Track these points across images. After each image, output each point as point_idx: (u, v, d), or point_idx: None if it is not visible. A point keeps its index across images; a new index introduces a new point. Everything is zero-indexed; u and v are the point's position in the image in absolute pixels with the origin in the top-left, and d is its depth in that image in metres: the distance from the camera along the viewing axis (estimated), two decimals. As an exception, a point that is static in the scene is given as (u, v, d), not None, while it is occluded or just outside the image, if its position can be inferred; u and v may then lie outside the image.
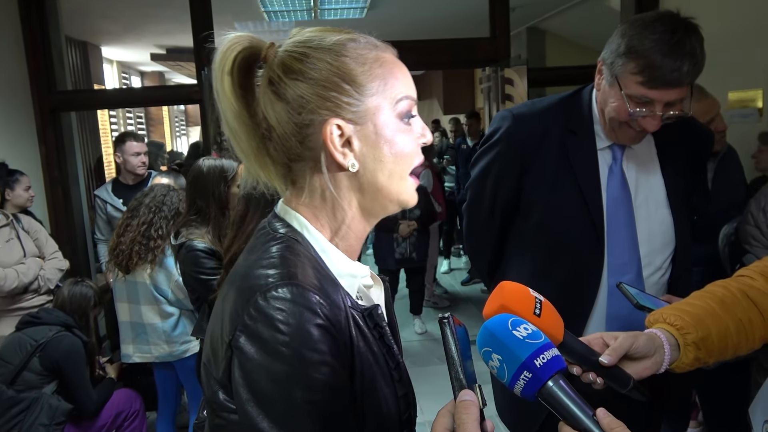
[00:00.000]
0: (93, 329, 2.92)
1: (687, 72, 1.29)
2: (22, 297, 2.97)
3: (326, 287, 0.76)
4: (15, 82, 3.69)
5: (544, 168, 1.49)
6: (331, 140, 0.78)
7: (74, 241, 3.96)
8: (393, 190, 0.82)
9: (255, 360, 0.70)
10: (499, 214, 1.62)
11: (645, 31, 1.31)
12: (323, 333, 0.71)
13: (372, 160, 0.80)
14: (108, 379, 2.97)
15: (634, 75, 1.32)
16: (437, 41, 4.22)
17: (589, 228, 1.46)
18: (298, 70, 0.78)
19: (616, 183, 1.49)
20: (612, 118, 1.42)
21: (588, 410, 0.74)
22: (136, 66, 8.75)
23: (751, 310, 1.09)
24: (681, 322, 1.05)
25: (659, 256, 1.50)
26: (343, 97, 0.78)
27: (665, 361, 1.03)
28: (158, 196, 2.84)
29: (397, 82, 0.81)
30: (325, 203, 0.82)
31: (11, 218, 3.02)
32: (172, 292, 2.82)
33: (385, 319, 0.86)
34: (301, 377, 0.69)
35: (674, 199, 1.50)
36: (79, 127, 4.63)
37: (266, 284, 0.73)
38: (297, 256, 0.77)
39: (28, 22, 3.73)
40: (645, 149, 1.52)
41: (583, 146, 1.49)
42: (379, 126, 0.79)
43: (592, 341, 1.03)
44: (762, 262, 1.19)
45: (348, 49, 0.79)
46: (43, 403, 2.54)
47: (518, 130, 1.52)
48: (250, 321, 0.71)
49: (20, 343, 2.57)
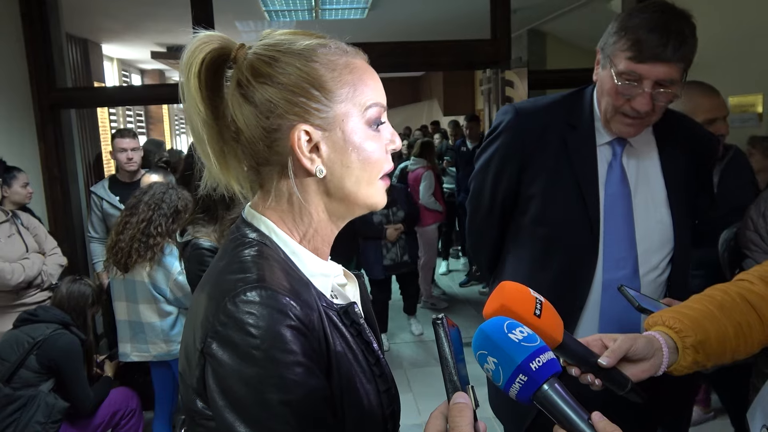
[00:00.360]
0: (90, 327, 2.91)
1: (673, 48, 1.31)
2: (25, 292, 2.98)
3: (297, 288, 0.76)
4: (15, 79, 3.69)
5: (543, 162, 1.51)
6: (299, 146, 0.78)
7: (73, 238, 3.95)
8: (360, 195, 0.82)
9: (228, 365, 0.70)
10: (499, 208, 1.63)
11: (635, 12, 1.36)
12: (295, 334, 0.71)
13: (340, 166, 0.80)
14: (105, 377, 2.97)
15: (623, 52, 1.36)
16: (438, 42, 4.22)
17: (584, 222, 1.47)
18: (267, 73, 0.77)
19: (616, 179, 1.49)
20: (607, 104, 1.44)
21: (583, 414, 0.74)
22: (136, 64, 8.75)
23: (749, 314, 1.10)
24: (680, 325, 1.05)
25: (656, 255, 1.50)
26: (312, 102, 0.77)
27: (663, 364, 1.03)
28: (157, 193, 2.83)
29: (367, 88, 0.81)
30: (292, 207, 0.82)
31: (10, 214, 3.03)
32: (170, 291, 2.82)
33: (362, 316, 0.87)
34: (274, 379, 0.69)
35: (674, 200, 1.50)
36: (78, 125, 4.63)
37: (235, 288, 0.72)
38: (266, 260, 0.77)
39: (29, 19, 3.72)
40: (646, 147, 1.53)
41: (582, 140, 1.50)
42: (348, 132, 0.79)
43: (591, 342, 1.03)
44: (762, 266, 1.19)
45: (318, 55, 0.79)
46: (40, 401, 2.53)
47: (520, 123, 1.54)
48: (221, 327, 0.71)
49: (17, 341, 2.57)
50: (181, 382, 0.80)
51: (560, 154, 1.50)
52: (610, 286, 1.46)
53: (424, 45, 4.31)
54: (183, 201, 2.84)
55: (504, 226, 1.66)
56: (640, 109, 1.38)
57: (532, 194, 1.53)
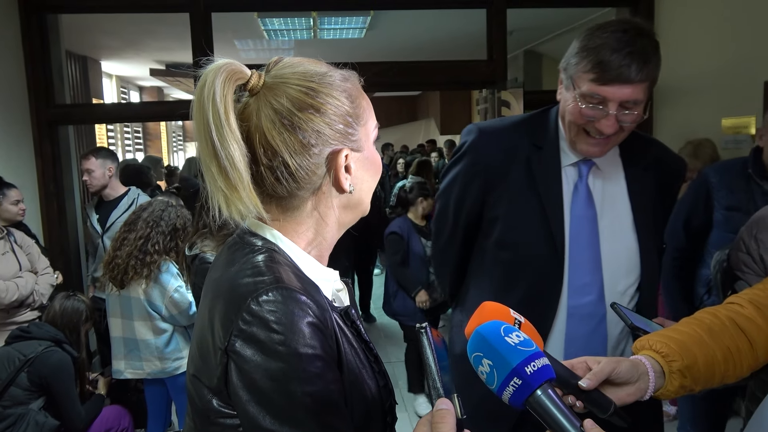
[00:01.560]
0: (84, 344, 2.89)
1: (637, 69, 1.28)
2: (17, 311, 2.95)
3: (309, 289, 0.81)
4: (14, 95, 3.71)
5: (508, 183, 1.47)
6: (341, 167, 0.86)
7: (67, 254, 3.94)
8: (366, 202, 0.93)
9: (253, 361, 0.74)
10: (462, 230, 1.58)
11: (596, 31, 1.33)
12: (314, 330, 0.76)
13: (361, 182, 0.90)
14: (97, 395, 2.94)
15: (586, 73, 1.32)
16: (435, 62, 4.26)
17: (550, 245, 1.42)
18: (311, 105, 0.83)
19: (581, 201, 1.45)
20: (570, 124, 1.40)
21: (575, 421, 0.74)
22: (135, 81, 8.80)
23: (739, 338, 1.09)
24: (666, 349, 1.05)
25: (622, 281, 1.45)
26: (349, 129, 0.86)
27: (650, 388, 1.03)
28: (156, 211, 2.83)
29: (371, 111, 0.92)
30: (312, 219, 0.88)
31: (5, 232, 3.01)
32: (166, 308, 2.80)
33: (360, 318, 0.93)
34: (298, 372, 0.73)
35: (641, 224, 1.46)
36: (76, 141, 4.64)
37: (256, 290, 0.76)
38: (278, 264, 0.82)
39: (29, 36, 3.75)
40: (612, 169, 1.49)
41: (547, 161, 1.46)
42: (368, 150, 0.90)
43: (576, 365, 1.03)
44: (752, 290, 1.19)
45: (342, 84, 0.87)
46: (30, 419, 2.51)
47: (484, 143, 1.50)
48: (245, 325, 0.75)
49: (8, 358, 2.54)
50: (193, 385, 0.83)
51: (525, 175, 1.46)
52: (575, 313, 1.42)
53: (422, 65, 4.35)
54: (182, 219, 2.84)
55: (468, 249, 1.62)
56: (605, 131, 1.35)
57: (496, 216, 1.48)
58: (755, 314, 1.11)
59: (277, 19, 5.24)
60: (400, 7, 4.48)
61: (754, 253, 1.66)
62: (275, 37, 5.98)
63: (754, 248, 1.66)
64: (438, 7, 4.42)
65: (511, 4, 4.12)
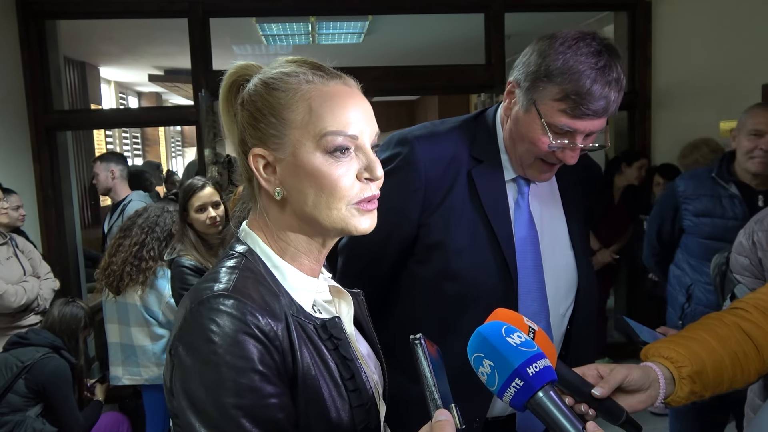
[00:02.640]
0: (82, 351, 2.88)
1: (614, 100, 1.15)
2: (21, 315, 2.95)
3: (266, 299, 0.79)
4: (12, 101, 3.70)
5: (450, 203, 1.28)
6: (256, 166, 0.84)
7: (66, 260, 3.93)
8: (322, 218, 0.83)
9: (189, 368, 0.74)
10: (392, 257, 1.34)
11: (569, 52, 1.14)
12: (254, 342, 0.74)
13: (295, 191, 0.83)
14: (95, 401, 2.92)
15: (556, 102, 1.16)
16: (433, 67, 4.27)
17: (502, 272, 1.26)
18: (244, 99, 0.85)
19: (524, 221, 1.31)
20: (525, 150, 1.24)
21: (578, 423, 0.73)
22: (133, 86, 8.80)
23: (745, 343, 1.09)
24: (676, 355, 1.05)
25: (563, 304, 1.34)
26: (270, 129, 0.82)
27: (660, 395, 1.02)
28: (152, 216, 2.82)
29: (330, 116, 0.81)
30: (270, 223, 0.87)
31: (8, 237, 3.02)
32: (162, 314, 2.79)
33: (345, 331, 0.88)
34: (230, 383, 0.73)
35: (576, 240, 1.37)
36: (74, 147, 4.63)
37: (203, 296, 0.77)
38: (241, 270, 0.82)
39: (27, 43, 3.75)
40: (547, 185, 1.36)
41: (490, 177, 1.29)
42: (300, 158, 0.81)
43: (587, 372, 1.02)
44: (756, 294, 1.19)
45: (284, 82, 0.83)
46: (27, 426, 2.49)
47: (421, 155, 1.28)
48: (186, 331, 0.76)
49: (6, 364, 2.53)
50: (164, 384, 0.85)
51: (468, 194, 1.28)
52: None
53: (420, 69, 4.36)
54: (178, 224, 2.84)
55: (393, 279, 1.38)
56: (569, 162, 1.21)
57: (436, 243, 1.28)
58: (761, 319, 1.11)
59: (276, 25, 5.24)
60: (398, 12, 4.49)
61: (753, 255, 1.66)
62: (273, 43, 5.98)
63: (753, 251, 1.66)
64: (436, 12, 4.43)
65: (509, 8, 4.14)
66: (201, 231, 2.51)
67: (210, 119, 3.93)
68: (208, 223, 2.49)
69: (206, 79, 3.92)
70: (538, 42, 1.21)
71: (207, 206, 2.50)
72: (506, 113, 1.29)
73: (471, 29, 4.54)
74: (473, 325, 1.10)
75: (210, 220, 2.49)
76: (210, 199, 2.51)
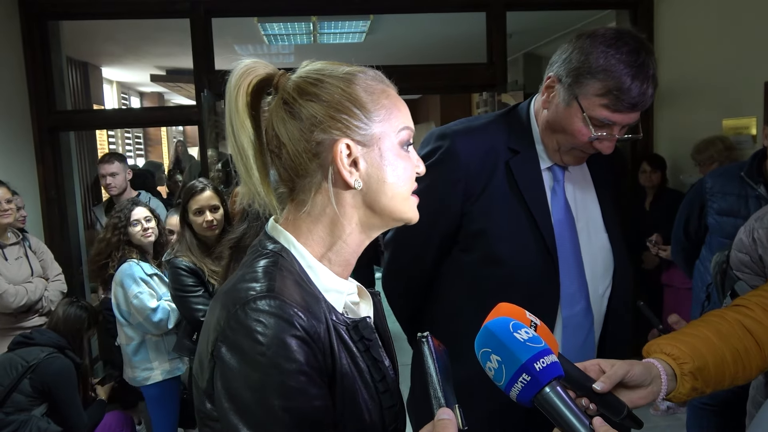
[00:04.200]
0: (86, 350, 2.90)
1: (650, 95, 1.25)
2: (24, 316, 2.97)
3: (307, 300, 0.79)
4: (15, 102, 3.71)
5: (490, 191, 1.36)
6: (340, 158, 0.83)
7: (69, 260, 3.94)
8: (395, 209, 0.87)
9: (234, 369, 0.74)
10: (436, 247, 1.42)
11: (610, 50, 1.23)
12: (300, 344, 0.74)
13: (376, 181, 0.85)
14: (99, 400, 2.93)
15: (597, 97, 1.25)
16: (435, 66, 4.27)
17: (543, 256, 1.34)
18: (313, 92, 0.84)
19: (560, 206, 1.39)
20: (564, 141, 1.34)
21: (584, 419, 0.73)
22: (135, 87, 8.81)
23: (747, 340, 1.09)
24: (677, 351, 1.05)
25: (601, 284, 1.41)
26: (353, 120, 0.83)
27: (662, 391, 1.02)
28: (124, 210, 2.85)
29: (400, 113, 0.87)
30: (324, 218, 0.86)
31: (21, 236, 3.05)
32: (131, 314, 2.76)
33: (374, 332, 0.89)
34: (278, 386, 0.72)
35: (609, 223, 1.44)
36: (77, 147, 4.65)
37: (246, 297, 0.76)
38: (279, 270, 0.81)
39: (30, 43, 3.76)
40: (580, 171, 1.45)
41: (527, 167, 1.38)
42: (384, 150, 0.85)
43: (589, 367, 1.02)
44: (758, 291, 1.19)
45: (358, 79, 0.86)
46: (32, 425, 2.50)
47: (461, 148, 1.36)
48: (231, 332, 0.75)
49: (11, 364, 2.54)
50: (194, 385, 0.84)
51: (506, 182, 1.36)
52: (568, 324, 1.37)
53: (422, 68, 4.36)
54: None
55: (437, 268, 1.46)
56: (605, 152, 1.31)
57: (479, 230, 1.36)
58: (762, 316, 1.12)
59: (277, 24, 5.24)
60: (399, 12, 4.49)
61: (753, 252, 1.66)
62: (275, 42, 5.99)
63: (753, 248, 1.66)
64: (437, 11, 4.43)
65: (511, 7, 4.14)
66: (198, 233, 2.52)
67: (212, 119, 3.93)
68: (204, 226, 2.50)
69: (208, 79, 3.92)
70: (578, 40, 1.30)
71: (205, 210, 2.50)
72: (544, 106, 1.37)
73: (472, 28, 4.54)
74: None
75: (206, 224, 2.50)
76: (208, 203, 2.52)
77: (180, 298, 2.38)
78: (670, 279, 3.71)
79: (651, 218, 3.77)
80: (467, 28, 4.89)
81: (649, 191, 3.86)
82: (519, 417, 1.26)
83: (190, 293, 2.36)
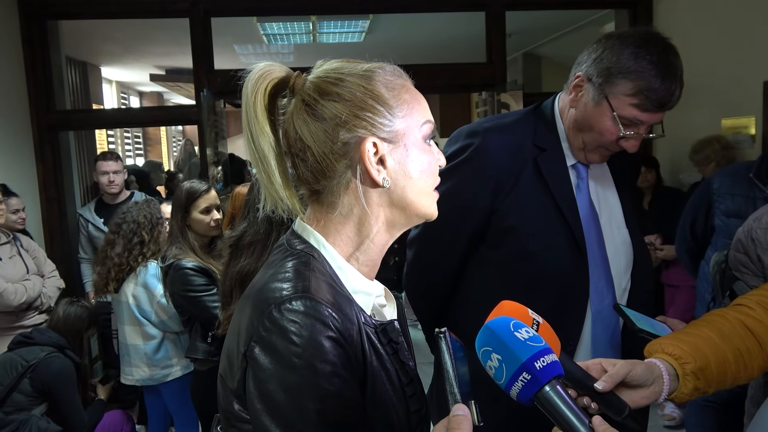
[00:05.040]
0: (86, 350, 2.89)
1: (678, 95, 1.29)
2: (24, 314, 2.96)
3: (340, 301, 0.79)
4: (14, 101, 3.71)
5: (520, 188, 1.38)
6: (368, 157, 0.82)
7: (69, 260, 3.94)
8: (420, 204, 0.86)
9: (268, 370, 0.73)
10: (463, 244, 1.44)
11: (641, 51, 1.27)
12: (335, 345, 0.74)
13: (403, 177, 0.84)
14: (98, 400, 2.93)
15: (627, 97, 1.28)
16: (434, 65, 4.27)
17: (573, 251, 1.37)
18: (334, 92, 0.83)
19: (585, 202, 1.42)
20: (591, 139, 1.37)
21: (584, 418, 0.74)
22: (135, 86, 8.80)
23: (748, 340, 1.10)
24: (679, 351, 1.05)
25: (624, 279, 1.45)
26: (378, 117, 0.83)
27: (664, 391, 1.03)
28: (143, 210, 2.83)
29: (420, 107, 0.88)
30: (352, 218, 0.85)
31: (11, 236, 3.04)
32: (155, 314, 2.77)
33: (401, 335, 0.88)
34: (312, 388, 0.72)
35: (629, 219, 1.48)
36: (76, 147, 4.64)
37: (281, 297, 0.75)
38: (312, 271, 0.80)
39: (29, 43, 3.76)
40: (600, 169, 1.49)
41: (554, 164, 1.41)
42: (409, 146, 0.85)
43: (591, 367, 1.02)
44: (759, 291, 1.19)
45: (378, 75, 0.85)
46: (32, 425, 2.50)
47: (492, 145, 1.39)
48: (265, 332, 0.74)
49: (11, 364, 2.54)
50: (220, 384, 0.83)
51: (535, 179, 1.39)
52: (597, 319, 1.39)
53: (421, 68, 4.34)
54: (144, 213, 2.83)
55: (463, 265, 1.48)
56: (631, 150, 1.34)
57: (509, 226, 1.38)
58: (763, 316, 1.12)
59: (277, 24, 5.24)
60: (399, 11, 4.49)
61: (752, 252, 1.66)
62: (275, 42, 5.99)
63: (752, 248, 1.66)
64: (437, 11, 4.43)
65: (510, 6, 4.14)
66: (202, 233, 2.51)
67: (211, 119, 3.93)
68: (212, 225, 2.50)
69: (208, 79, 3.92)
70: (608, 40, 1.33)
71: (212, 208, 2.51)
72: (571, 105, 1.40)
73: (471, 28, 4.54)
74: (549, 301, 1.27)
75: (214, 222, 2.50)
76: (215, 202, 2.53)
77: (192, 298, 2.34)
78: (669, 278, 3.71)
79: (651, 217, 3.77)
80: (466, 28, 4.90)
81: (646, 191, 3.87)
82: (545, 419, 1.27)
83: (203, 293, 2.34)
